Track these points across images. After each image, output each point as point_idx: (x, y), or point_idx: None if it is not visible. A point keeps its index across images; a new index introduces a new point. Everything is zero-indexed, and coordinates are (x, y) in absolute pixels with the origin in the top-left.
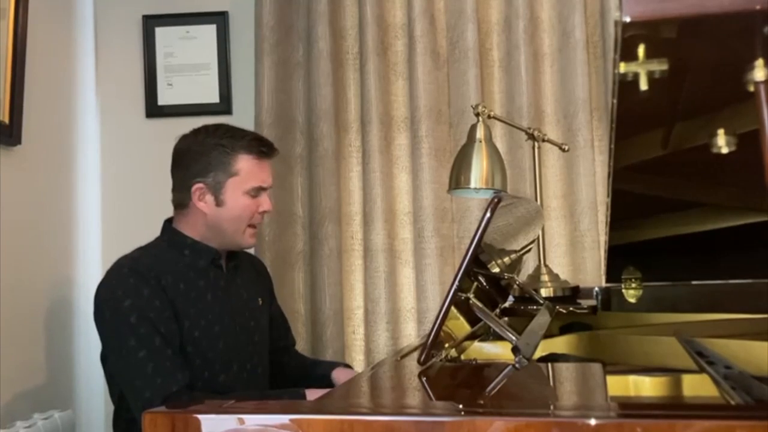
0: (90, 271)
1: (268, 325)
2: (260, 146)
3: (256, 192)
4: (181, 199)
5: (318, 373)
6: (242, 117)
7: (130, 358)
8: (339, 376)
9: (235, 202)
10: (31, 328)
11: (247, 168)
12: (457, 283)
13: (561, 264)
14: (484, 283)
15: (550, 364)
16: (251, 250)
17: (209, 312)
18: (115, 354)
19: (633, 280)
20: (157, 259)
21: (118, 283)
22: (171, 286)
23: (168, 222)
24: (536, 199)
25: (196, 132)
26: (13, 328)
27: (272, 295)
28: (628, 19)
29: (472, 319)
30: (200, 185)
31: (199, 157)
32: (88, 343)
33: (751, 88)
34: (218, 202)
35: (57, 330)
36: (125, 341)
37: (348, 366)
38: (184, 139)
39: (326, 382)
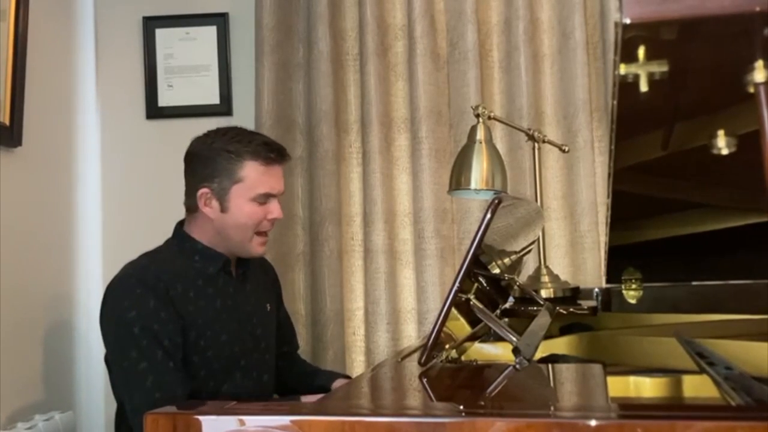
0: (90, 273)
1: (275, 332)
2: (268, 152)
3: (264, 199)
4: (190, 204)
5: (317, 383)
6: (242, 118)
7: (131, 369)
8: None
9: (240, 209)
10: (31, 330)
11: (253, 175)
12: (457, 284)
13: (561, 265)
14: (485, 284)
15: (550, 365)
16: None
17: (217, 321)
18: (116, 364)
19: (633, 280)
20: (167, 266)
21: (124, 293)
22: (179, 296)
23: (180, 225)
24: (536, 200)
25: (206, 135)
26: (13, 329)
27: (280, 300)
28: (628, 21)
29: (473, 320)
30: (205, 190)
31: (206, 161)
32: (89, 344)
33: (751, 90)
34: (223, 209)
35: (58, 331)
36: (127, 352)
37: (347, 377)
38: (195, 142)
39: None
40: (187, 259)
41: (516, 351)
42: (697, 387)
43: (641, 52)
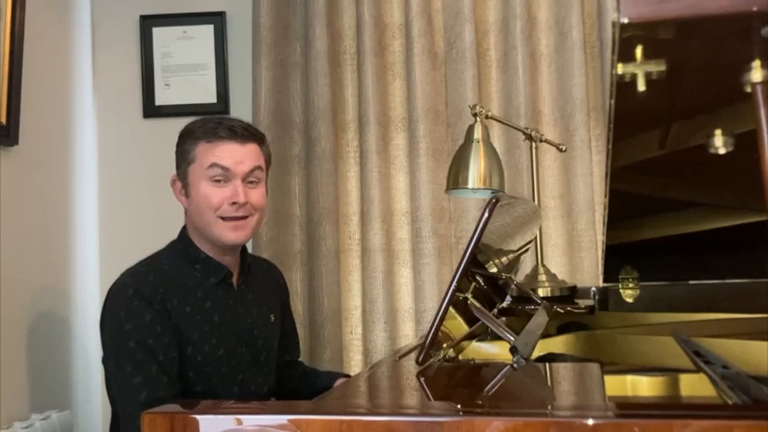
0: (87, 272)
1: (277, 342)
2: (217, 129)
3: (218, 175)
4: None
5: (319, 384)
6: (239, 117)
7: (126, 381)
8: None
9: (197, 192)
10: (28, 329)
11: (201, 152)
12: (455, 283)
13: (558, 264)
14: (482, 283)
15: (547, 364)
16: (251, 250)
17: (214, 335)
18: (112, 373)
19: (630, 279)
20: (166, 276)
21: (122, 304)
22: (176, 309)
23: (184, 228)
24: (534, 199)
25: None
26: (10, 328)
27: (287, 309)
28: (625, 20)
29: (470, 319)
30: (174, 178)
31: (176, 150)
32: (86, 343)
33: (749, 89)
34: (186, 193)
35: (54, 330)
36: (122, 364)
37: (347, 376)
38: None
39: None
40: (188, 267)
41: (513, 350)
42: (694, 386)
43: (639, 51)
